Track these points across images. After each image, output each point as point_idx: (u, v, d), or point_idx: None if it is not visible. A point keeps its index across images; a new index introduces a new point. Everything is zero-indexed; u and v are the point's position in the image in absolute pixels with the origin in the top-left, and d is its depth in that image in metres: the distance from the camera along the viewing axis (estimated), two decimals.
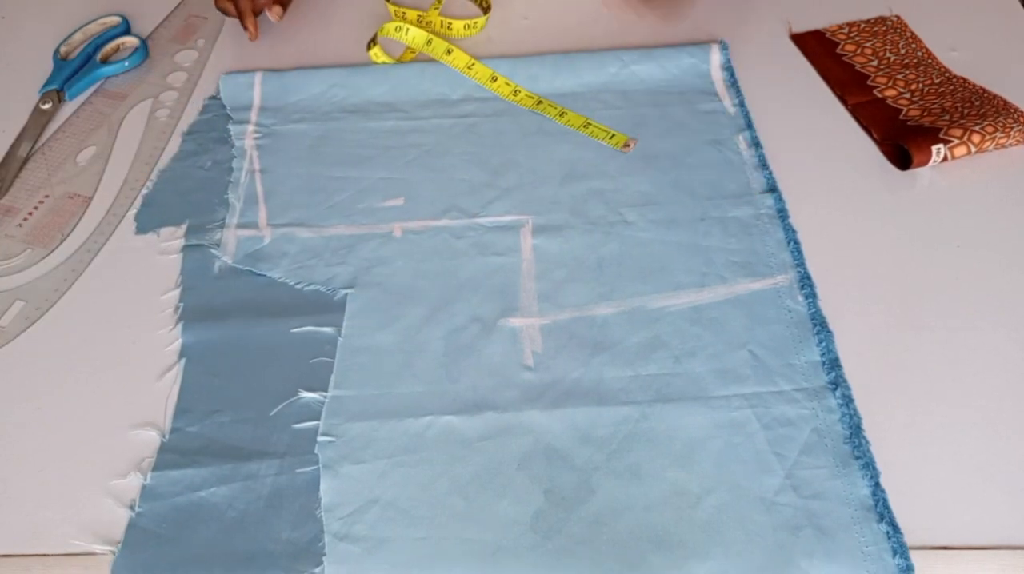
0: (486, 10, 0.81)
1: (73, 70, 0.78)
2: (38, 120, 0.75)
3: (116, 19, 0.83)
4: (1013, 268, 0.59)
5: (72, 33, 0.81)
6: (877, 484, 0.48)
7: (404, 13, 0.80)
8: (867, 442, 0.50)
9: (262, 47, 0.80)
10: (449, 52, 0.75)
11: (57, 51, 0.80)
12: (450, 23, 0.79)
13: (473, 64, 0.74)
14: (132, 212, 0.67)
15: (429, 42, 0.76)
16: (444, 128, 0.71)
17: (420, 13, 0.80)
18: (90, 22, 0.83)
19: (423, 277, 0.61)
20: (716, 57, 0.74)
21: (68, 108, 0.76)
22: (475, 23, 0.80)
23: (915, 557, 0.46)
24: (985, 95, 0.69)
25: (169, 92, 0.77)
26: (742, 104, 0.71)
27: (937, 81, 0.72)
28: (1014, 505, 0.48)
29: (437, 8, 0.80)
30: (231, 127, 0.72)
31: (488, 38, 0.80)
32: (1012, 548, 0.46)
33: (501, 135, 0.70)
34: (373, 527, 0.49)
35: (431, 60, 0.76)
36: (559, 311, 0.58)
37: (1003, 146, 0.66)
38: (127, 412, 0.54)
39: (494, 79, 0.73)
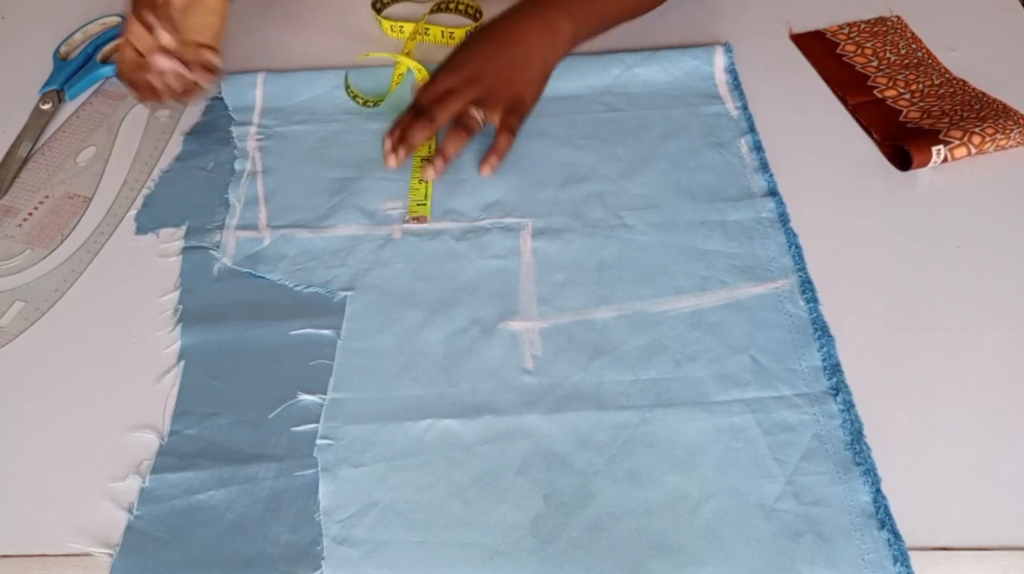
0: (477, 17, 0.81)
1: (73, 70, 0.78)
2: (38, 120, 0.74)
3: (116, 19, 0.83)
4: (1013, 268, 0.59)
5: (72, 33, 0.81)
6: (878, 490, 0.48)
7: (401, 27, 0.80)
8: (868, 448, 0.50)
9: (263, 47, 0.79)
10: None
11: (57, 51, 0.80)
12: (452, 32, 0.79)
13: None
14: (132, 212, 0.67)
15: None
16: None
17: (417, 25, 0.79)
18: (90, 22, 0.82)
19: (423, 279, 0.60)
20: (720, 59, 0.74)
21: (68, 108, 0.76)
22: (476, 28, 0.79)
23: (916, 558, 0.46)
24: (984, 99, 0.69)
25: None
26: (745, 107, 0.71)
27: (937, 82, 0.72)
28: (1014, 505, 0.48)
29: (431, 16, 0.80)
30: (234, 128, 0.72)
31: None
32: (1012, 549, 0.46)
33: None
34: (372, 530, 0.48)
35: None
36: (559, 314, 0.58)
37: (1003, 148, 0.65)
38: (126, 414, 0.54)
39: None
